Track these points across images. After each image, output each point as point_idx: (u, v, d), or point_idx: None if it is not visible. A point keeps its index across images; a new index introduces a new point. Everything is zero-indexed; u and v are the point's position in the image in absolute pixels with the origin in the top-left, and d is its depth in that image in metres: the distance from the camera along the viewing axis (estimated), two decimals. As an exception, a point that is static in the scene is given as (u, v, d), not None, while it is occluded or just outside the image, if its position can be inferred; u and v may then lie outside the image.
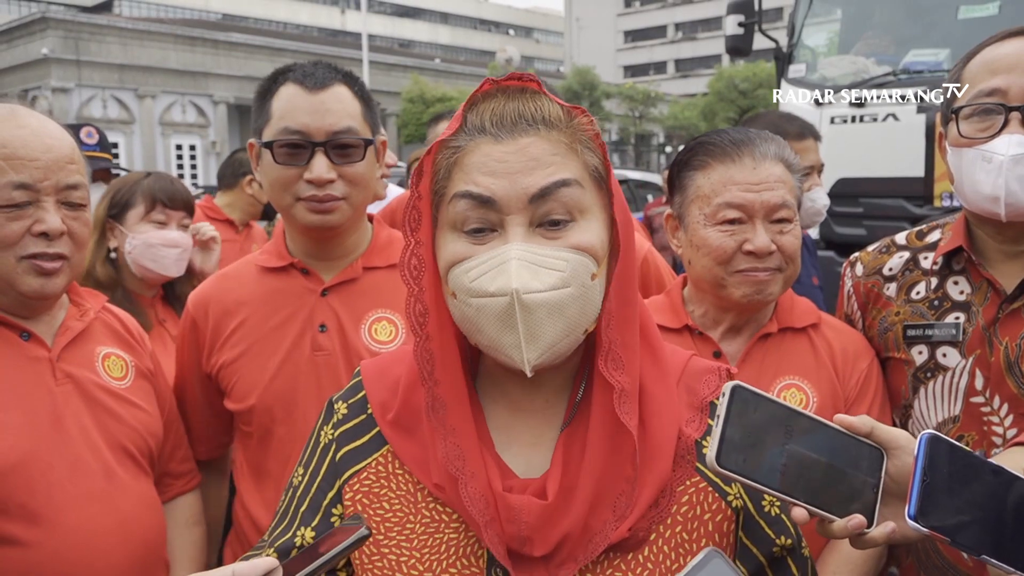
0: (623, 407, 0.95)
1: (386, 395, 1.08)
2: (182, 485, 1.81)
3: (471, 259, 0.94)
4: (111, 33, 36.13)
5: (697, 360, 1.10)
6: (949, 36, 5.25)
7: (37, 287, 1.47)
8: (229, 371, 1.76)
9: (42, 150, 1.45)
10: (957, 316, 1.63)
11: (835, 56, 5.90)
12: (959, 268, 1.66)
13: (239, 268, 1.87)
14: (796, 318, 1.69)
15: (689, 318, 1.71)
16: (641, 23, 66.86)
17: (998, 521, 0.89)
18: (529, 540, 0.94)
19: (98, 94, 35.80)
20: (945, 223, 1.76)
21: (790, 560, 1.06)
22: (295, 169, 1.67)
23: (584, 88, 38.47)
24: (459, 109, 0.98)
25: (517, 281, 0.90)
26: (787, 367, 1.64)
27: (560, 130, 0.96)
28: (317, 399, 1.69)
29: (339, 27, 58.57)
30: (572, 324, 0.94)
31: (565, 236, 0.94)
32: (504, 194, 0.93)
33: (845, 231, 5.32)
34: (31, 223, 1.44)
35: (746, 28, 5.95)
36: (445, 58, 54.78)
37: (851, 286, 1.84)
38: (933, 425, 1.64)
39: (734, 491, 1.03)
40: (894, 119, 5.14)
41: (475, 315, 0.94)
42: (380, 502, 1.03)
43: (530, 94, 0.97)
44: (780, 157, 1.60)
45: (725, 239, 1.57)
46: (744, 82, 36.27)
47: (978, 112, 1.54)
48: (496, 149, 0.94)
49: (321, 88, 1.67)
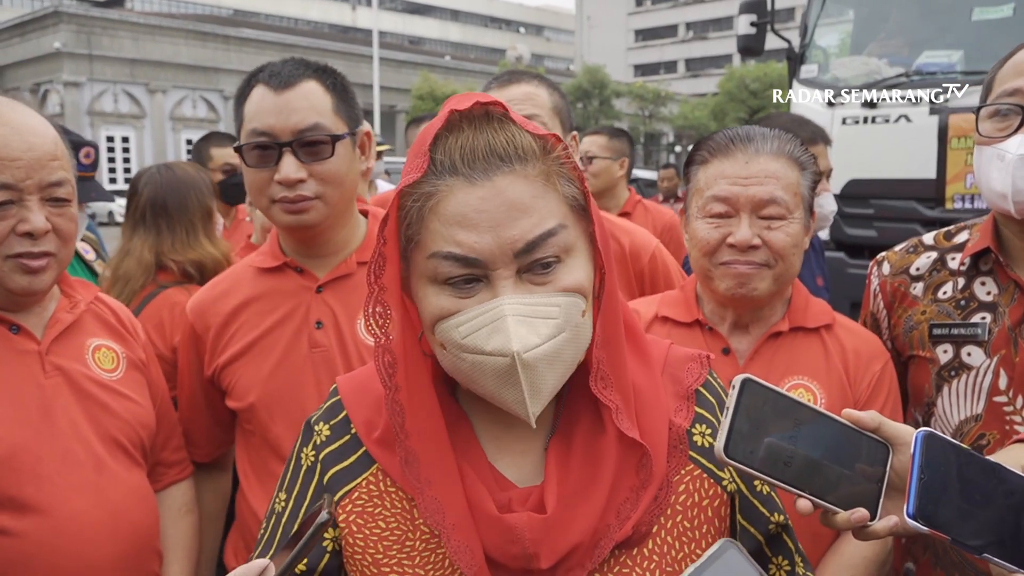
0: (622, 422, 0.95)
1: (369, 413, 1.05)
2: (175, 474, 1.81)
3: (460, 314, 0.90)
4: (123, 28, 36.29)
5: (676, 348, 1.10)
6: (963, 38, 5.22)
7: (24, 284, 1.48)
8: (229, 371, 1.77)
9: (24, 149, 1.43)
10: (983, 316, 1.64)
11: (847, 57, 5.88)
12: (986, 269, 1.67)
13: (236, 271, 1.88)
14: (809, 318, 1.69)
15: (700, 313, 1.72)
16: (652, 22, 66.75)
17: (998, 519, 0.89)
18: (535, 556, 0.93)
19: (109, 88, 35.96)
20: (973, 224, 1.76)
21: (785, 535, 1.08)
22: (266, 171, 1.66)
23: (594, 87, 38.43)
24: (422, 145, 0.92)
25: (517, 342, 0.87)
26: (797, 367, 1.64)
27: (534, 164, 0.91)
28: (316, 395, 1.70)
29: (350, 23, 58.67)
30: (569, 365, 0.93)
31: (555, 279, 0.91)
32: (489, 251, 0.88)
33: (855, 232, 5.30)
34: (15, 223, 1.44)
35: (758, 28, 5.92)
36: (455, 55, 54.84)
37: (877, 285, 1.84)
38: (955, 423, 1.66)
39: (727, 475, 1.03)
40: (906, 120, 5.12)
41: (470, 369, 0.91)
42: (375, 521, 1.02)
43: (498, 124, 0.92)
44: (782, 153, 1.59)
45: (710, 231, 1.60)
46: (755, 82, 36.18)
47: (999, 112, 1.57)
48: (472, 195, 0.89)
49: (286, 87, 1.65)
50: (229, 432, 1.90)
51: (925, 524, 0.86)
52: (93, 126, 35.29)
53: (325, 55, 39.79)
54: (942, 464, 0.89)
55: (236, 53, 38.00)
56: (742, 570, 0.85)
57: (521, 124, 0.92)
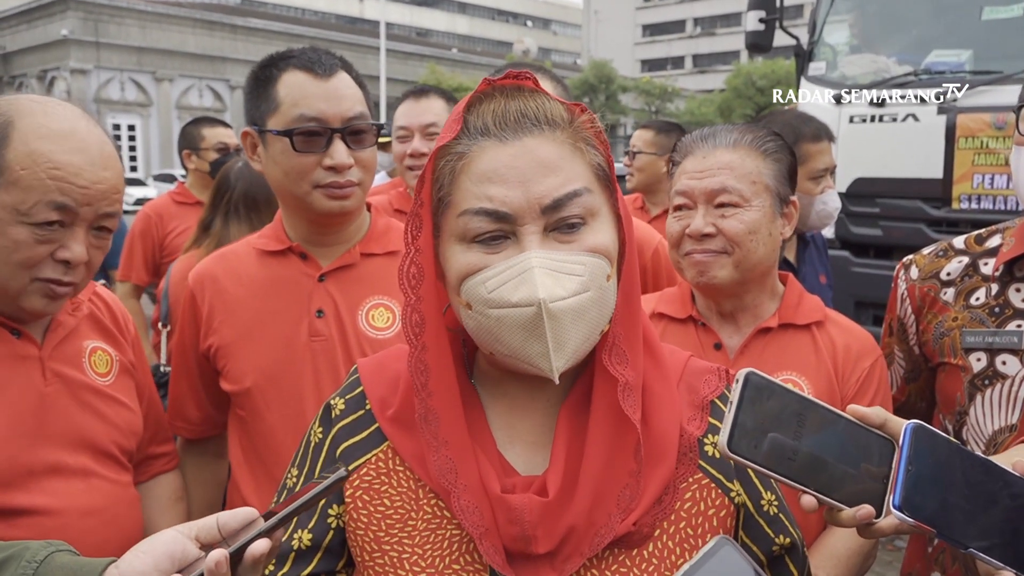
0: (627, 400, 0.95)
1: (385, 391, 1.07)
2: (162, 465, 1.80)
3: (487, 269, 0.92)
4: (130, 15, 36.28)
5: (696, 360, 1.11)
6: (972, 37, 5.19)
7: (40, 307, 1.45)
8: (225, 352, 1.76)
9: (94, 181, 1.40)
10: (1019, 324, 1.59)
11: (856, 55, 5.85)
12: (1021, 275, 1.62)
13: (238, 249, 1.86)
14: (800, 315, 1.71)
15: (694, 309, 1.76)
16: (659, 17, 66.53)
17: (986, 515, 0.89)
18: (533, 538, 0.94)
19: (116, 76, 35.98)
20: (1006, 227, 1.71)
21: (788, 559, 1.07)
22: (313, 156, 1.67)
23: (601, 81, 38.34)
24: (457, 110, 0.96)
25: (543, 291, 0.89)
26: (786, 362, 1.66)
27: (563, 129, 0.95)
28: (313, 385, 1.70)
29: (357, 15, 58.57)
30: (593, 327, 0.94)
31: (580, 239, 0.93)
32: (518, 205, 0.91)
33: (861, 231, 5.28)
34: (56, 248, 1.40)
35: (767, 24, 5.90)
36: (462, 48, 54.74)
37: (905, 289, 1.79)
38: (989, 433, 1.61)
39: (736, 488, 1.03)
40: (914, 119, 5.10)
41: (495, 326, 0.92)
42: (381, 499, 1.03)
43: (528, 92, 0.96)
44: (741, 144, 1.65)
45: (674, 224, 1.70)
46: (762, 79, 36.06)
47: None
48: (503, 152, 0.92)
49: (330, 74, 1.68)
50: (221, 412, 1.87)
51: (911, 516, 0.86)
52: (100, 114, 35.30)
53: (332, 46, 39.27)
54: (931, 457, 0.89)
55: (243, 42, 37.99)
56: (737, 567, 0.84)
57: (550, 94, 0.96)
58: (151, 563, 0.88)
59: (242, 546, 0.86)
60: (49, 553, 0.93)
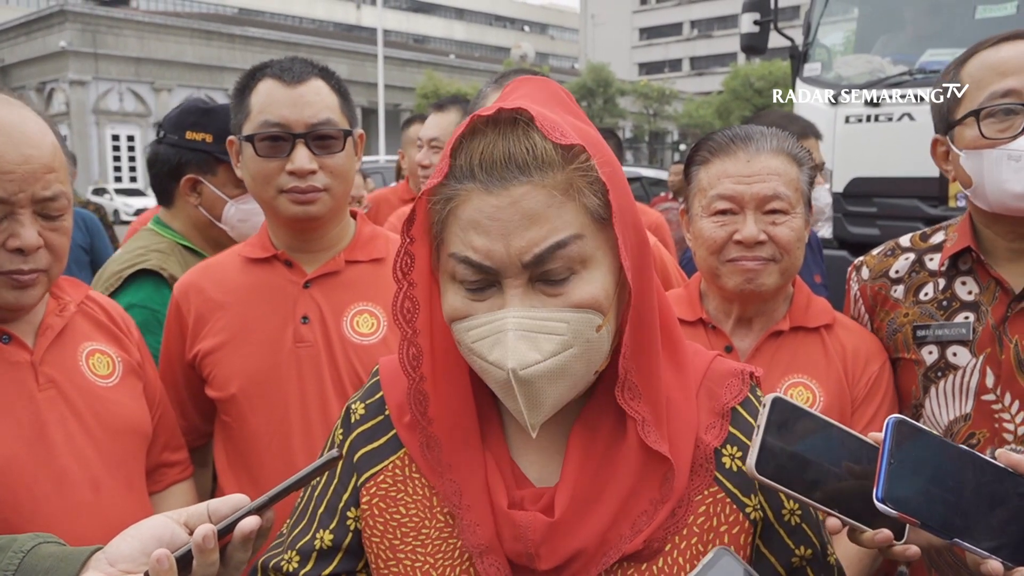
0: (648, 435, 0.94)
1: (402, 398, 1.05)
2: (176, 474, 1.76)
3: (471, 318, 0.91)
4: (128, 26, 36.38)
5: (721, 362, 1.07)
6: (966, 36, 5.19)
7: (12, 300, 1.40)
8: (211, 359, 1.77)
9: (18, 161, 1.33)
10: (967, 316, 1.65)
11: (851, 55, 5.87)
12: (966, 268, 1.68)
13: (223, 258, 1.88)
14: (810, 318, 1.70)
15: (704, 312, 1.74)
16: (656, 20, 66.62)
17: (968, 504, 0.90)
18: (537, 556, 0.94)
19: (115, 87, 36.05)
20: (948, 224, 1.78)
21: (810, 570, 1.04)
22: (276, 161, 1.69)
23: (598, 85, 38.38)
24: (445, 151, 0.92)
25: (513, 359, 0.86)
26: (796, 365, 1.66)
27: (555, 172, 0.88)
28: (298, 391, 1.71)
29: (354, 22, 58.69)
30: (577, 380, 0.92)
31: (567, 293, 0.89)
32: (500, 259, 0.88)
33: (858, 231, 5.30)
34: (5, 238, 1.35)
35: (762, 26, 5.92)
36: (460, 54, 54.86)
37: (857, 290, 1.85)
38: (944, 424, 1.66)
39: (753, 503, 1.00)
40: (909, 119, 5.12)
41: (479, 371, 0.93)
42: (396, 506, 1.03)
43: (523, 129, 0.89)
44: (781, 150, 1.63)
45: (716, 229, 1.63)
46: (759, 80, 36.09)
47: (996, 113, 1.56)
48: (487, 202, 0.88)
49: (299, 82, 1.71)
50: (207, 422, 1.88)
51: (894, 508, 0.87)
52: (98, 125, 35.39)
53: (330, 53, 39.92)
54: (912, 450, 0.90)
55: (241, 52, 38.07)
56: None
57: (547, 132, 0.88)
58: (138, 547, 0.86)
59: (231, 523, 0.87)
60: (36, 544, 0.92)
